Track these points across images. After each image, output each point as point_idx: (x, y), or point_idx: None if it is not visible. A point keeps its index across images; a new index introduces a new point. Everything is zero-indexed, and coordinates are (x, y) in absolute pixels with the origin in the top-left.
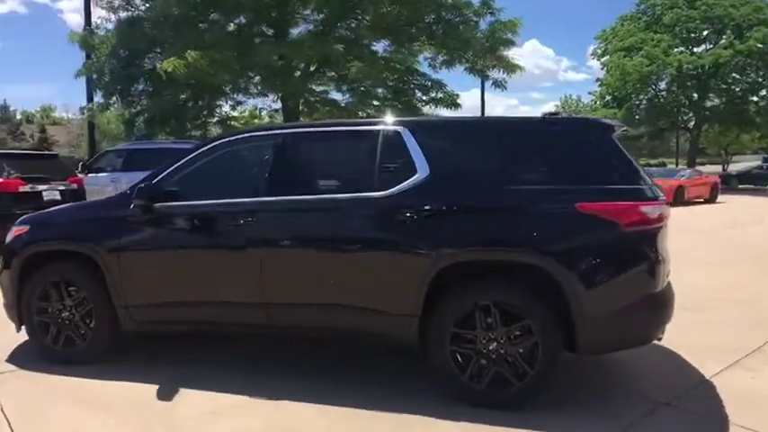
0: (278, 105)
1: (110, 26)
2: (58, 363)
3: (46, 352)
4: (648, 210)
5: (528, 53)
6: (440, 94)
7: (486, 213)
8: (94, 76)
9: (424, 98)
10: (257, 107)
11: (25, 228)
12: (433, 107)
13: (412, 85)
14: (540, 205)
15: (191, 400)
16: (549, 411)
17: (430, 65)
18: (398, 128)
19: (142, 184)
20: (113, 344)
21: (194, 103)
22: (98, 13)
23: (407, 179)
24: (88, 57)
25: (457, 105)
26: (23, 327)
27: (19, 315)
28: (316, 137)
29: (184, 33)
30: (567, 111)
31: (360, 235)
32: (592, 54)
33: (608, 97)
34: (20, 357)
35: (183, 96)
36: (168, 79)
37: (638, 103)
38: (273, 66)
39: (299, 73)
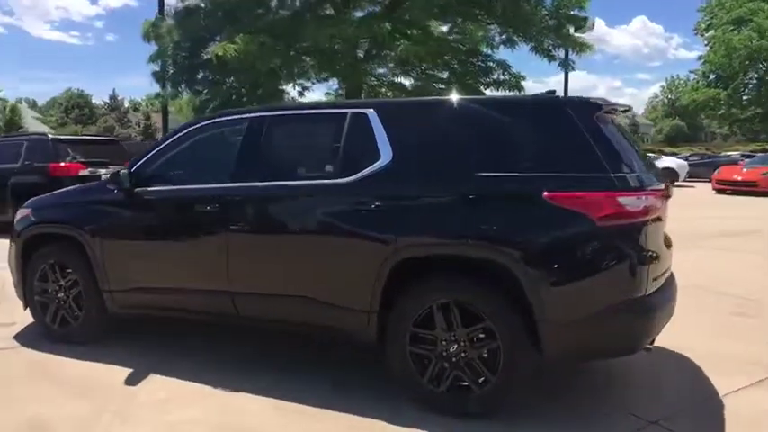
0: (341, 90)
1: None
2: (56, 341)
3: (46, 330)
4: (628, 201)
5: (635, 31)
6: (505, 76)
7: (443, 203)
8: (160, 65)
9: (487, 80)
10: (326, 92)
11: (27, 211)
12: (494, 90)
13: (476, 67)
14: (505, 194)
15: (155, 386)
16: (513, 421)
17: (488, 44)
18: (365, 111)
19: (120, 170)
20: (103, 326)
21: (253, 90)
22: (170, 2)
23: (370, 165)
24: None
25: (520, 88)
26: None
27: (24, 294)
28: (283, 120)
29: (240, 20)
30: (672, 92)
31: (320, 224)
32: (694, 29)
33: (711, 76)
34: (27, 335)
35: (239, 83)
36: (224, 66)
37: (746, 82)
38: (324, 49)
39: (361, 56)
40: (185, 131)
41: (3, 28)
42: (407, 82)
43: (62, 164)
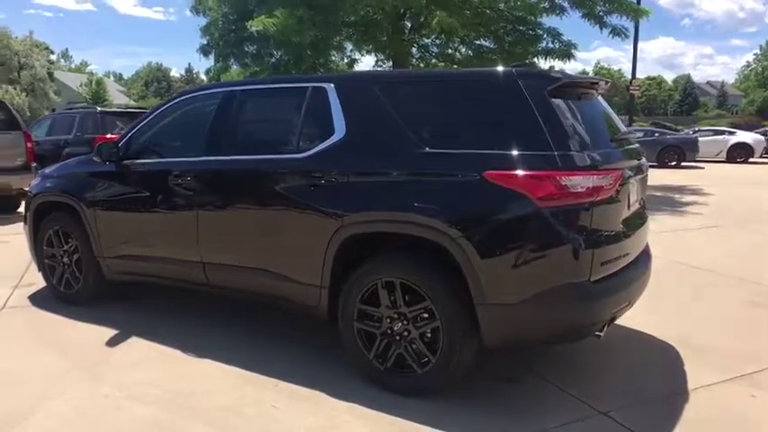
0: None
1: None
2: (61, 303)
3: (53, 292)
4: (572, 181)
5: None
6: (554, 44)
7: (389, 180)
8: (207, 38)
9: (534, 49)
10: (376, 63)
11: (39, 179)
12: (542, 59)
13: (524, 35)
14: (447, 172)
15: (131, 348)
16: (458, 402)
17: (535, 11)
18: (325, 85)
19: (106, 143)
20: (101, 289)
21: (298, 63)
22: None
23: (326, 140)
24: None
25: (570, 56)
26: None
27: (36, 258)
28: (250, 95)
29: None
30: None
31: (276, 198)
32: None
33: None
34: (40, 296)
35: (284, 56)
36: (268, 39)
37: None
38: (364, 21)
39: (409, 26)
40: (166, 106)
41: (94, 6)
42: (459, 52)
43: (108, 135)
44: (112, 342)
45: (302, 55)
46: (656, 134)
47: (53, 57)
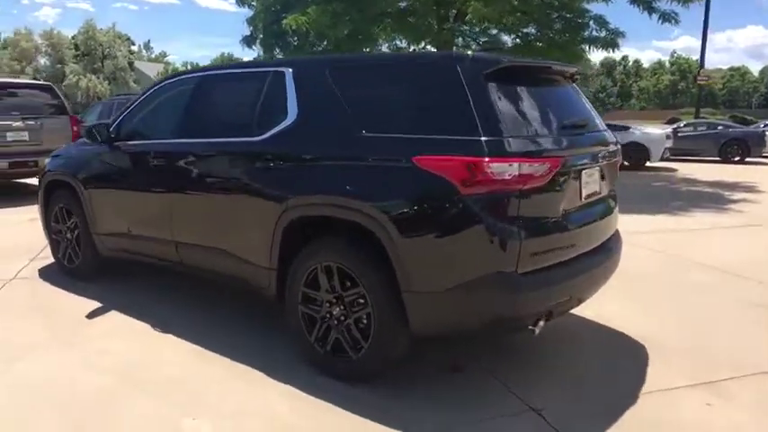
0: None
1: None
2: (65, 276)
3: (59, 266)
4: (499, 168)
5: None
6: (600, 33)
7: (329, 164)
8: (251, 29)
9: (578, 37)
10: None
11: (50, 158)
12: (585, 48)
13: (569, 23)
14: (382, 156)
15: (108, 321)
16: (390, 389)
17: None
18: (283, 69)
19: (99, 124)
20: (98, 265)
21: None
22: None
23: (279, 124)
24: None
25: (615, 46)
26: None
27: (46, 232)
28: (217, 79)
29: None
30: None
31: (233, 181)
32: None
33: None
34: (50, 269)
35: (322, 48)
36: (305, 32)
37: None
38: (399, 13)
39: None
40: (151, 90)
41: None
42: (500, 41)
43: None
44: (93, 315)
45: (341, 46)
46: (720, 127)
47: (134, 47)
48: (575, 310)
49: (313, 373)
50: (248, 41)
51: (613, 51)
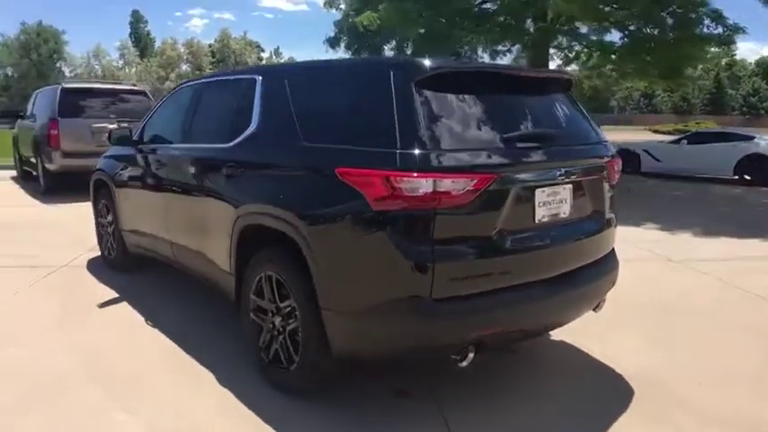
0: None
1: None
2: (107, 268)
3: (102, 257)
4: (411, 184)
5: None
6: (716, 29)
7: (272, 173)
8: (335, 31)
9: (687, 34)
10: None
11: (100, 159)
12: (693, 45)
13: (684, 18)
14: (311, 167)
15: (112, 311)
16: (326, 412)
17: None
18: (255, 76)
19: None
20: (128, 259)
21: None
22: None
23: (244, 131)
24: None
25: (732, 43)
26: None
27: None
28: (206, 87)
29: None
30: None
31: (205, 186)
32: None
33: None
34: (97, 261)
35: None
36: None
37: None
38: (472, 12)
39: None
40: (167, 97)
41: (307, 6)
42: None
43: None
44: (105, 305)
45: (417, 48)
46: None
47: (264, 54)
48: (579, 343)
49: (261, 383)
50: (332, 43)
51: (729, 49)
